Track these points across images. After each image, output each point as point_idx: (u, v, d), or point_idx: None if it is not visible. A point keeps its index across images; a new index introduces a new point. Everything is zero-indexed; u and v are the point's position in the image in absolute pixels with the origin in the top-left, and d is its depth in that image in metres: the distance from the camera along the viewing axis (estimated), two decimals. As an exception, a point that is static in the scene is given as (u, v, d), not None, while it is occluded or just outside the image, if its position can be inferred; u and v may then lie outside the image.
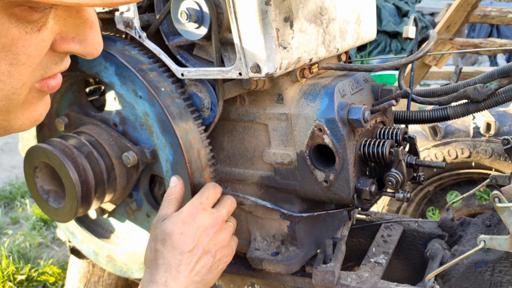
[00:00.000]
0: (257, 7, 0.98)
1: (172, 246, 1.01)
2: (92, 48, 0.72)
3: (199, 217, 1.05)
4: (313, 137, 1.10)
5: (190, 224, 1.03)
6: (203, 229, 1.04)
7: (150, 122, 1.16)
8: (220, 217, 1.08)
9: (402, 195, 1.12)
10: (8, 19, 0.61)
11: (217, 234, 1.06)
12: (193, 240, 1.02)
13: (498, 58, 6.49)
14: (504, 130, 1.88)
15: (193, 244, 1.01)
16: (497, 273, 1.20)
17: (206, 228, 1.04)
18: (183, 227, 1.02)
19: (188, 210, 1.06)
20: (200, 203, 1.08)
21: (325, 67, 1.20)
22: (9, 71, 0.64)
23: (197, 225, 1.03)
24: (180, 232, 1.02)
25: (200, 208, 1.06)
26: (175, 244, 1.01)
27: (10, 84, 0.66)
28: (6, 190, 3.82)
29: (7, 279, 2.67)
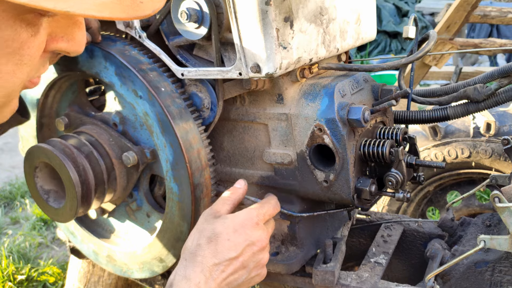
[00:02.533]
0: (257, 7, 0.98)
1: (216, 249, 0.99)
2: (79, 46, 0.78)
3: (250, 230, 1.03)
4: (313, 137, 1.10)
5: (240, 234, 1.01)
6: (249, 244, 1.02)
7: (150, 122, 1.16)
8: (267, 237, 1.06)
9: (402, 195, 1.12)
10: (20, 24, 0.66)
11: (260, 253, 1.04)
12: (236, 251, 1.00)
13: (498, 58, 6.49)
14: (504, 130, 1.88)
15: (235, 254, 1.00)
16: (497, 273, 1.20)
17: (253, 244, 1.02)
18: (232, 234, 1.01)
19: (244, 219, 1.03)
20: (257, 215, 1.05)
21: (325, 67, 1.20)
22: (14, 70, 0.69)
23: (246, 237, 1.02)
24: (227, 238, 1.00)
25: (255, 222, 1.04)
26: (219, 248, 0.99)
27: (13, 82, 0.71)
28: (6, 190, 3.82)
29: (7, 279, 2.67)
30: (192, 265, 0.98)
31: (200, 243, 1.01)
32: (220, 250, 0.99)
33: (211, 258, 0.98)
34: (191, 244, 1.02)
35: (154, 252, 1.29)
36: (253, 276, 1.05)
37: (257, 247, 1.03)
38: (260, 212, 1.06)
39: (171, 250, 1.26)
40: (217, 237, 1.00)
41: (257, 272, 1.05)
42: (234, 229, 1.01)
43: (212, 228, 1.01)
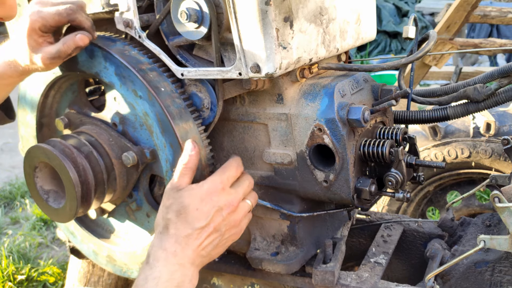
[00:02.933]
0: (257, 7, 0.98)
1: (186, 220, 1.03)
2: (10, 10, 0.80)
3: (216, 196, 1.06)
4: (313, 137, 1.10)
5: (207, 202, 1.04)
6: (218, 209, 1.05)
7: (150, 122, 1.16)
8: (236, 199, 1.09)
9: (402, 195, 1.12)
10: None
11: (230, 215, 1.07)
12: (206, 218, 1.03)
13: (498, 58, 6.49)
14: (504, 130, 1.88)
15: (206, 222, 1.03)
16: (497, 273, 1.20)
17: (221, 209, 1.06)
18: (199, 203, 1.04)
19: (208, 187, 1.06)
20: (221, 181, 1.08)
21: (325, 67, 1.20)
22: None
23: (213, 204, 1.05)
24: (196, 208, 1.03)
25: (220, 188, 1.07)
26: (189, 219, 1.03)
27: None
28: (6, 190, 3.82)
29: (7, 279, 2.67)
30: (166, 237, 1.02)
31: (169, 217, 1.04)
32: (190, 220, 1.03)
33: (184, 230, 1.02)
34: (161, 220, 1.06)
35: (154, 252, 1.29)
36: (228, 236, 1.08)
37: (226, 211, 1.06)
38: (223, 177, 1.08)
39: (171, 250, 1.26)
40: (186, 209, 1.03)
41: (231, 232, 1.09)
42: (200, 198, 1.04)
43: (179, 202, 1.04)
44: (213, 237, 1.05)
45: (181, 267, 1.02)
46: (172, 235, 1.03)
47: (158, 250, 1.02)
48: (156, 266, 1.00)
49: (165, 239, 1.03)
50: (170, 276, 1.00)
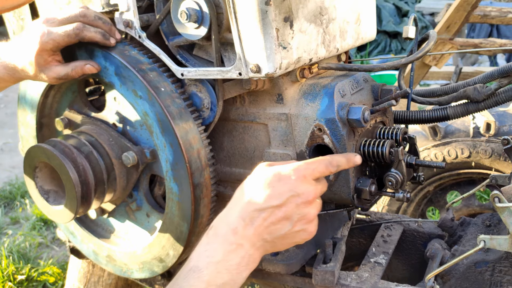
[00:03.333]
0: (257, 7, 0.98)
1: (259, 195, 0.96)
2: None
3: (296, 181, 0.97)
4: (313, 137, 1.10)
5: (284, 183, 0.97)
6: (294, 195, 0.96)
7: (150, 122, 1.16)
8: (314, 193, 1.00)
9: (402, 195, 1.12)
10: None
11: (305, 206, 0.98)
12: (279, 199, 0.96)
13: (498, 58, 6.49)
14: (504, 130, 1.88)
15: (277, 203, 0.95)
16: (497, 273, 1.20)
17: (297, 195, 0.97)
18: (277, 182, 0.97)
19: (290, 169, 0.99)
20: (305, 169, 0.99)
21: (325, 67, 1.20)
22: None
23: (290, 187, 0.97)
24: (272, 185, 0.97)
25: (302, 174, 0.98)
26: (263, 194, 0.96)
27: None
28: (6, 190, 3.81)
29: (7, 279, 2.67)
30: (234, 209, 0.97)
31: (246, 189, 0.98)
32: (262, 196, 0.96)
33: (253, 204, 0.95)
34: (239, 188, 1.01)
35: (154, 252, 1.29)
36: (298, 230, 0.99)
37: (302, 199, 0.97)
38: (309, 167, 1.00)
39: (171, 250, 1.26)
40: (262, 183, 0.97)
41: (303, 227, 0.99)
42: (279, 178, 0.97)
43: (259, 174, 0.99)
44: (282, 223, 0.97)
45: (238, 247, 0.94)
46: (240, 208, 0.96)
47: (221, 222, 0.96)
48: (213, 243, 0.94)
49: (233, 209, 0.97)
50: (224, 257, 0.92)
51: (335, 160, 1.04)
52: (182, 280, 0.90)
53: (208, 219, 1.25)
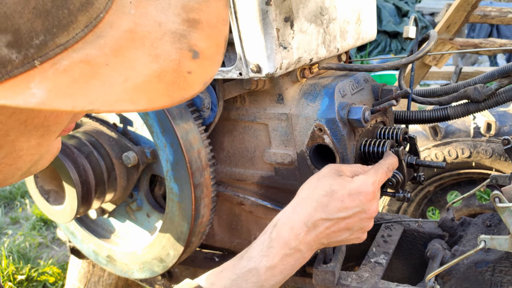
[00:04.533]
0: (258, 7, 0.98)
1: (327, 205, 0.99)
2: None
3: (365, 198, 1.00)
4: (314, 137, 1.10)
5: (354, 199, 1.00)
6: (360, 211, 1.01)
7: (151, 122, 1.16)
8: (377, 207, 1.04)
9: (402, 195, 1.12)
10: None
11: (367, 220, 1.03)
12: (346, 213, 0.99)
13: (498, 58, 6.49)
14: (505, 130, 1.88)
15: (344, 216, 0.99)
16: (498, 273, 1.20)
17: (364, 212, 1.01)
18: (347, 197, 1.00)
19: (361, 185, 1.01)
20: (373, 184, 1.02)
21: (325, 67, 1.19)
22: (39, 143, 0.58)
23: (359, 204, 1.00)
24: (341, 199, 0.99)
25: (371, 191, 1.01)
26: (330, 206, 0.99)
27: (39, 153, 0.61)
28: (6, 190, 3.81)
29: (7, 279, 2.67)
30: (299, 213, 0.99)
31: (315, 194, 1.00)
32: (330, 207, 0.98)
33: (320, 212, 0.98)
34: (307, 188, 1.02)
35: (154, 252, 1.29)
36: (354, 237, 1.04)
37: (367, 215, 1.01)
38: (376, 180, 1.03)
39: (171, 250, 1.26)
40: (332, 194, 0.99)
41: (358, 236, 1.04)
42: (350, 193, 0.99)
43: (330, 184, 1.00)
44: (342, 232, 1.01)
45: (296, 252, 0.98)
46: (306, 213, 0.99)
47: (285, 224, 0.98)
48: (274, 247, 0.97)
49: (298, 213, 0.99)
50: (281, 261, 0.96)
51: (390, 164, 1.07)
52: (241, 281, 0.94)
53: (209, 219, 1.25)
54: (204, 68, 0.53)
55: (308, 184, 1.03)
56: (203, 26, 0.54)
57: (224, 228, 1.40)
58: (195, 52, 0.52)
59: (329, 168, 1.04)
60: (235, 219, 1.36)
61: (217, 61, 0.55)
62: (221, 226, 1.39)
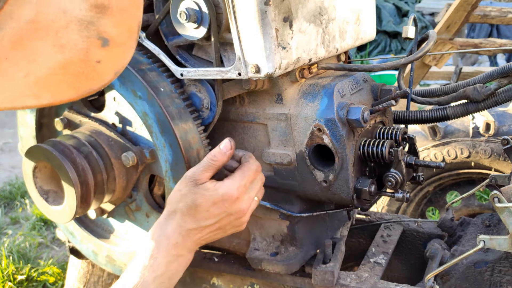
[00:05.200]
0: (256, 7, 0.98)
1: (194, 216, 1.05)
2: None
3: (229, 204, 1.05)
4: (313, 137, 1.10)
5: (218, 206, 1.05)
6: (227, 215, 1.06)
7: (150, 122, 1.16)
8: (247, 205, 1.08)
9: (401, 195, 1.12)
10: None
11: (237, 219, 1.08)
12: (213, 220, 1.05)
13: (498, 58, 6.49)
14: (504, 130, 1.88)
15: (212, 222, 1.06)
16: (497, 273, 1.20)
17: (231, 214, 1.07)
18: (211, 206, 1.05)
19: (224, 194, 1.05)
20: (237, 189, 1.06)
21: (324, 67, 1.19)
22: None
23: (224, 210, 1.05)
24: (206, 209, 1.04)
25: (235, 197, 1.05)
26: (197, 216, 1.05)
27: None
28: (6, 190, 3.81)
29: (7, 279, 2.67)
30: (171, 224, 1.05)
31: (180, 206, 1.05)
32: (198, 218, 1.05)
33: (189, 223, 1.05)
34: (173, 202, 1.07)
35: (153, 252, 1.29)
36: (231, 232, 1.11)
37: (235, 216, 1.07)
38: (241, 184, 1.07)
39: (170, 250, 1.26)
40: (197, 207, 1.04)
41: (234, 230, 1.11)
42: (213, 202, 1.04)
43: (192, 198, 1.05)
44: (216, 232, 1.08)
45: (179, 257, 1.05)
46: (177, 224, 1.05)
47: (161, 236, 1.05)
48: (156, 257, 1.03)
49: (170, 225, 1.05)
50: (166, 268, 1.03)
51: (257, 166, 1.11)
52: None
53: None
54: (115, 56, 0.51)
55: (174, 198, 1.07)
56: (113, 11, 0.51)
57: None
58: (104, 40, 0.50)
59: (186, 179, 1.07)
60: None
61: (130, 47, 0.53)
62: (221, 226, 1.39)
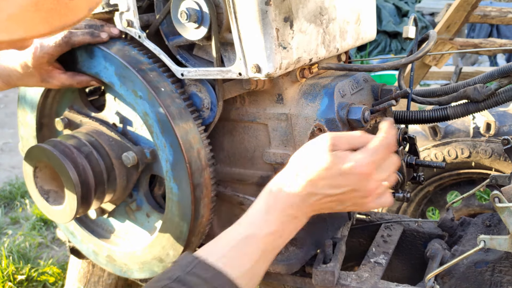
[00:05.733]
0: (257, 7, 0.98)
1: (318, 183, 0.96)
2: None
3: (357, 179, 0.96)
4: (313, 137, 1.10)
5: (346, 178, 0.96)
6: (352, 189, 0.97)
7: (150, 122, 1.16)
8: (374, 188, 0.98)
9: (402, 195, 1.12)
10: None
11: (362, 198, 0.99)
12: (336, 190, 0.97)
13: (498, 58, 6.49)
14: (504, 130, 1.88)
15: (335, 192, 0.97)
16: (497, 273, 1.20)
17: (355, 191, 0.97)
18: (338, 177, 0.96)
19: (354, 166, 0.95)
20: (368, 164, 0.95)
21: (325, 67, 1.20)
22: None
23: (350, 183, 0.96)
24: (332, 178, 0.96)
25: (365, 172, 0.96)
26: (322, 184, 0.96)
27: None
28: (6, 190, 3.81)
29: (7, 279, 2.67)
30: (292, 185, 0.97)
31: (305, 168, 0.97)
32: (321, 185, 0.96)
33: (312, 188, 0.96)
34: (299, 160, 0.99)
35: (154, 252, 1.29)
36: (350, 209, 1.03)
37: (360, 194, 0.98)
38: (373, 160, 0.97)
39: (171, 250, 1.26)
40: (323, 172, 0.96)
41: (354, 208, 1.02)
42: (341, 172, 0.96)
43: (321, 161, 0.96)
44: (335, 204, 1.00)
45: (293, 219, 0.98)
46: (299, 185, 0.97)
47: (280, 193, 0.97)
48: (272, 213, 0.96)
49: (291, 184, 0.97)
50: (280, 227, 0.96)
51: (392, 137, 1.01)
52: (241, 246, 0.93)
53: (209, 219, 1.25)
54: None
55: (301, 155, 1.00)
56: None
57: (224, 228, 1.39)
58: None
59: (324, 141, 0.99)
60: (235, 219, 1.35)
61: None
62: (221, 226, 1.39)
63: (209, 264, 0.89)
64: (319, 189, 0.97)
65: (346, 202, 1.00)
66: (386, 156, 1.00)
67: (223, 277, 0.89)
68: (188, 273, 0.88)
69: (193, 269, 0.88)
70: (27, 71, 1.21)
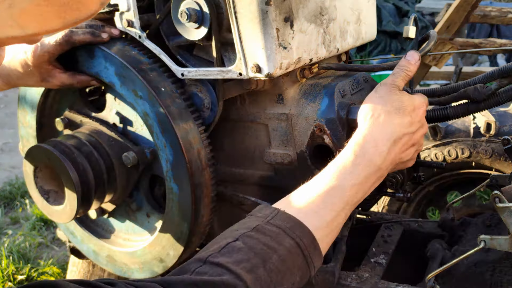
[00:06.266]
0: (257, 7, 0.98)
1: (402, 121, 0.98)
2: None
3: (422, 112, 1.02)
4: (313, 137, 1.10)
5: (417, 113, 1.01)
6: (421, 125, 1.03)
7: (150, 122, 1.16)
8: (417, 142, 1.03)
9: (402, 195, 1.12)
10: None
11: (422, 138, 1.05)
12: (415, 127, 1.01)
13: (498, 58, 6.49)
14: (505, 130, 1.88)
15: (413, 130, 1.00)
16: (498, 273, 1.20)
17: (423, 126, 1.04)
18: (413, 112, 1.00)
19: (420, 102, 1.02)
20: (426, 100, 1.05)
21: (325, 67, 1.19)
22: None
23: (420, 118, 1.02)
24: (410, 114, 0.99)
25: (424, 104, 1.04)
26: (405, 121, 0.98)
27: None
28: (6, 190, 3.81)
29: (7, 279, 2.67)
30: (381, 129, 0.97)
31: (389, 110, 0.98)
32: (405, 122, 0.98)
33: (399, 128, 0.98)
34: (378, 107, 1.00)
35: (154, 252, 1.29)
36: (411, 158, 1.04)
37: (424, 130, 1.04)
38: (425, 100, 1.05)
39: (171, 250, 1.26)
40: (404, 110, 0.99)
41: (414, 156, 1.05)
42: (414, 107, 1.00)
43: (400, 100, 0.99)
44: (410, 150, 1.02)
45: (378, 170, 0.96)
46: (388, 128, 0.97)
47: (369, 142, 0.96)
48: (359, 164, 0.94)
49: (380, 129, 0.97)
50: (365, 179, 0.95)
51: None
52: (324, 197, 0.92)
53: (209, 219, 1.25)
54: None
55: (374, 104, 1.00)
56: None
57: (224, 228, 1.39)
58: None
59: (388, 86, 1.02)
60: (235, 219, 1.36)
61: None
62: (221, 226, 1.39)
63: (290, 214, 0.89)
64: (405, 128, 0.98)
65: (417, 143, 1.02)
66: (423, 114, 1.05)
67: (303, 227, 0.88)
68: (268, 223, 0.87)
69: (273, 219, 0.88)
70: (27, 70, 1.20)
